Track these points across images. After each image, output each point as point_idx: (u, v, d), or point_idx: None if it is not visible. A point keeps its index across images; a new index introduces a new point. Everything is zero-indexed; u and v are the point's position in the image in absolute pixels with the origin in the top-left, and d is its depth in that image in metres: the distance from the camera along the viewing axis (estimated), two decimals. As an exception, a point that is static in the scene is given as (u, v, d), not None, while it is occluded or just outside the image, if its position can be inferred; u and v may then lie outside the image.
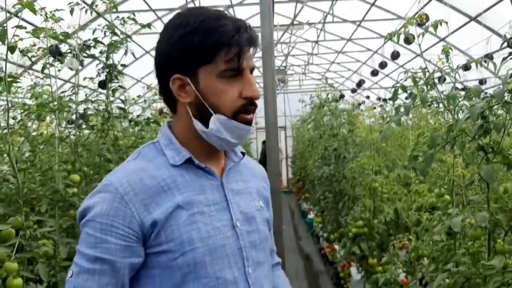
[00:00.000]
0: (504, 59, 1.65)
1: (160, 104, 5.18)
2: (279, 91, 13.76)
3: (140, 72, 8.62)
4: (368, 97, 12.75)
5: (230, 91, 1.10)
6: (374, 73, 9.97)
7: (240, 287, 1.13)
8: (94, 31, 3.20)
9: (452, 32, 8.29)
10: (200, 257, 1.08)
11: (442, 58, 2.10)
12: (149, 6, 7.68)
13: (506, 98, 1.50)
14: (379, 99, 9.36)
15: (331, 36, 10.47)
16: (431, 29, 2.23)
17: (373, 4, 8.35)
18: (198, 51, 1.08)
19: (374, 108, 6.57)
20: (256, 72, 1.28)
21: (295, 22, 9.19)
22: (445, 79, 3.06)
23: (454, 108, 2.05)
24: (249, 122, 1.13)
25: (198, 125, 1.13)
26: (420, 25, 2.53)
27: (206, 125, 1.12)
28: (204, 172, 1.16)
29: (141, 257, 1.08)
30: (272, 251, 1.39)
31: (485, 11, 7.03)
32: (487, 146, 1.82)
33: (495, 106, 1.68)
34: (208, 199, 1.14)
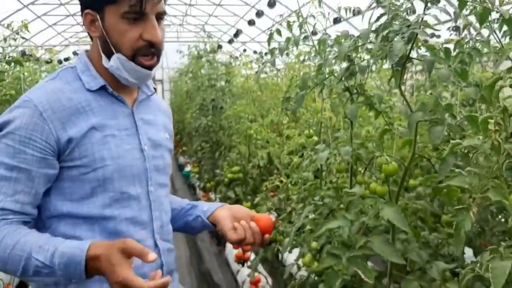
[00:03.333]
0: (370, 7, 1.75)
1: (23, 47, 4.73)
2: (155, 42, 13.30)
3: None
4: (245, 50, 12.90)
5: (131, 32, 1.17)
6: (251, 22, 10.02)
7: (141, 202, 1.27)
8: None
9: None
10: (109, 173, 1.20)
11: (314, 2, 2.18)
12: None
13: (371, 38, 1.60)
14: (255, 52, 9.49)
15: (210, -13, 10.30)
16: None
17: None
18: None
19: (251, 61, 6.67)
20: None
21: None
22: (316, 33, 3.18)
23: (324, 52, 2.15)
24: (148, 67, 1.21)
25: (104, 60, 1.22)
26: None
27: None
28: (117, 100, 1.27)
29: (56, 169, 1.18)
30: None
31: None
32: (352, 87, 1.95)
33: (361, 48, 1.79)
34: (120, 124, 1.25)
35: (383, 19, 1.66)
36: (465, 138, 1.19)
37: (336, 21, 3.77)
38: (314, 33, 3.93)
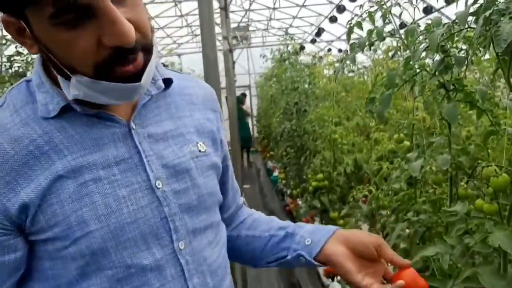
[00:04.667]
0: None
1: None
2: (241, 46, 13.43)
3: None
4: (330, 50, 12.59)
5: (80, 43, 0.70)
6: (333, 19, 9.68)
7: (166, 271, 0.83)
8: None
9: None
10: (99, 243, 0.78)
11: (400, -12, 1.90)
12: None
13: (469, 23, 1.31)
14: (340, 51, 9.17)
15: (292, -12, 10.16)
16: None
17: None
18: None
19: (337, 61, 6.40)
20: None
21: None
22: (405, 25, 2.85)
23: (413, 44, 1.87)
24: (132, 76, 0.74)
25: (62, 83, 0.78)
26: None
27: None
28: (99, 120, 0.81)
29: (19, 250, 0.78)
30: (235, 192, 1.13)
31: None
32: (448, 83, 1.66)
33: (457, 37, 1.50)
34: (108, 157, 0.80)
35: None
36: None
37: (427, 11, 3.40)
38: (402, 25, 3.59)
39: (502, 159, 1.57)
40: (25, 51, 2.96)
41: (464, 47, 1.63)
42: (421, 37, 1.79)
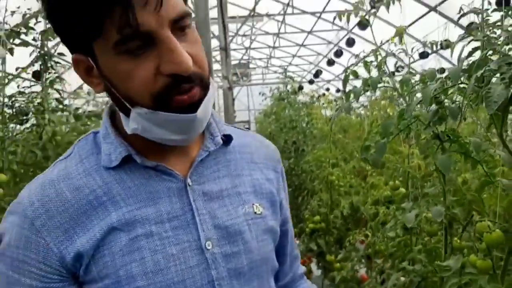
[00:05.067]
0: (462, 36, 1.48)
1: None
2: (241, 84, 13.58)
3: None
4: (328, 89, 12.75)
5: (139, 70, 0.71)
6: (330, 62, 9.87)
7: None
8: (24, 16, 2.92)
9: (413, 23, 8.28)
10: None
11: (394, 39, 1.94)
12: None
13: (462, 79, 1.34)
14: (338, 91, 9.28)
15: (292, 28, 10.36)
16: (383, 11, 2.07)
17: (332, -5, 8.27)
18: (78, 19, 0.71)
19: (335, 100, 6.47)
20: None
21: (254, 14, 9.01)
22: (402, 68, 2.91)
23: (408, 93, 1.90)
24: (188, 106, 0.74)
25: (123, 121, 0.80)
26: (373, 7, 2.37)
27: None
28: (156, 173, 0.81)
29: None
30: (294, 260, 1.07)
31: (443, 1, 7.02)
32: (442, 134, 1.67)
33: (451, 89, 1.52)
34: (161, 213, 0.79)
35: (477, 54, 1.39)
36: None
37: (423, 55, 3.47)
38: (398, 69, 3.65)
39: (496, 210, 1.57)
40: (27, 90, 2.99)
41: (459, 98, 1.65)
42: (415, 87, 1.82)
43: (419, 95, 1.88)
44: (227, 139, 0.89)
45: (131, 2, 0.68)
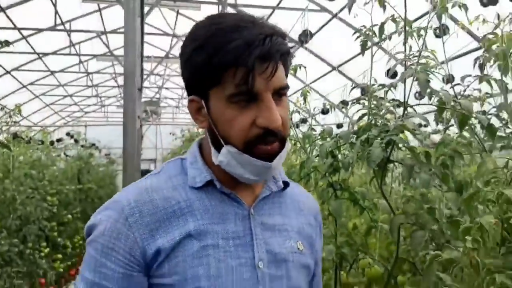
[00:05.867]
0: (353, 103, 1.79)
1: (16, 128, 4.79)
2: (151, 122, 13.55)
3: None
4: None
5: (241, 118, 0.92)
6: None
7: None
8: None
9: (317, 79, 8.94)
10: None
11: (300, 100, 2.23)
12: (13, 24, 7.17)
13: (352, 140, 1.62)
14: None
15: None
16: (292, 73, 2.36)
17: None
18: (204, 71, 0.93)
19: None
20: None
21: (169, 55, 9.21)
22: (306, 121, 3.22)
23: (310, 146, 2.18)
24: (267, 156, 0.93)
25: (213, 153, 0.98)
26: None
27: None
28: (228, 199, 1.00)
29: (143, 286, 0.95)
30: None
31: (345, 62, 7.71)
32: (335, 183, 1.95)
33: (343, 146, 1.81)
34: (228, 231, 0.97)
35: (365, 119, 1.69)
36: (445, 248, 1.16)
37: (324, 112, 3.86)
38: (303, 120, 3.99)
39: (380, 250, 1.85)
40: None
41: (350, 154, 1.95)
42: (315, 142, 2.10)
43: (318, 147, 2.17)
44: (284, 185, 1.08)
45: (254, 68, 0.89)
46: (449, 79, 2.97)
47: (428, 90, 1.41)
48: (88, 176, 9.02)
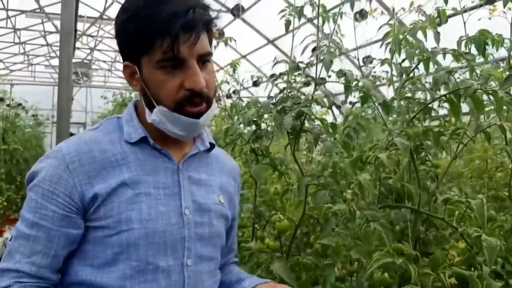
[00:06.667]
0: (273, 78, 1.98)
1: None
2: (81, 84, 13.19)
3: None
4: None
5: (170, 81, 1.05)
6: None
7: (171, 277, 1.09)
8: None
9: (252, 51, 9.10)
10: (134, 238, 1.05)
11: (229, 70, 2.39)
12: None
13: (270, 109, 1.82)
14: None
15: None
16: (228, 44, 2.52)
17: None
18: (135, 39, 1.05)
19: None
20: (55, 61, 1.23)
21: (104, 17, 9.00)
22: (235, 92, 3.40)
23: (237, 115, 2.36)
24: (195, 115, 1.07)
25: (147, 114, 1.10)
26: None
27: None
28: (160, 154, 1.13)
29: (80, 229, 1.07)
30: (230, 250, 1.37)
31: (280, 36, 7.92)
32: (258, 149, 2.15)
33: (265, 115, 2.00)
34: (158, 181, 1.11)
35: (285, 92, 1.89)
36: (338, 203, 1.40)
37: (256, 84, 4.06)
38: (234, 92, 4.17)
39: (292, 208, 2.08)
40: None
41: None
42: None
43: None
44: (211, 146, 1.24)
45: (178, 37, 1.02)
46: (365, 61, 3.23)
47: (338, 70, 1.63)
48: (14, 137, 8.73)
